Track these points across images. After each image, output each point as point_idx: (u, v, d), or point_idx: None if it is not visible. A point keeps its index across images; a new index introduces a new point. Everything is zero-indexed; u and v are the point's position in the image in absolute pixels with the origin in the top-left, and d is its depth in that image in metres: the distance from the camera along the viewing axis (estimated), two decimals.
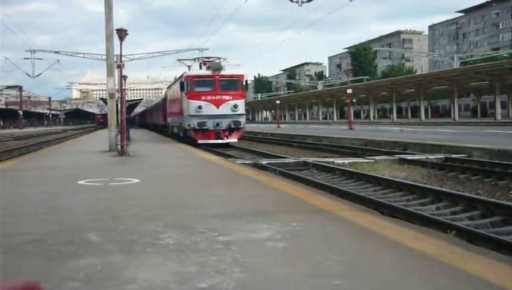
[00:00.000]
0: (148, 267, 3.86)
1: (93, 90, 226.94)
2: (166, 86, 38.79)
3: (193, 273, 3.66)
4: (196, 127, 22.56)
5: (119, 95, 19.10)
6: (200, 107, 22.74)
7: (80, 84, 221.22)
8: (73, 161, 14.68)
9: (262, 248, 4.39)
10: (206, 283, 3.46)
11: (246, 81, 24.46)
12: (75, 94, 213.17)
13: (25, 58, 53.61)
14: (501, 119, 47.49)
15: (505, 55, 74.12)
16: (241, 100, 23.63)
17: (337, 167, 13.66)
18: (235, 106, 23.01)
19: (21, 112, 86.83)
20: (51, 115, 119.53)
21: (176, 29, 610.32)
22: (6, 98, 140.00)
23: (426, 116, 70.29)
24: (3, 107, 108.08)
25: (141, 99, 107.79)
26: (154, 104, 55.97)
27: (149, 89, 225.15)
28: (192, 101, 22.95)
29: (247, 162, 14.64)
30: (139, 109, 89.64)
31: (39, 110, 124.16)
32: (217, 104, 22.88)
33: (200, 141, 22.56)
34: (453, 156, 15.10)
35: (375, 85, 67.59)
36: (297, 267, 3.79)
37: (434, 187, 9.92)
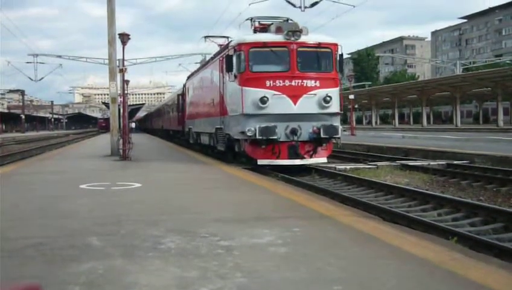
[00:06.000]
0: (149, 271, 3.86)
1: (95, 95, 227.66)
2: (186, 76, 26.64)
3: (194, 278, 3.67)
4: (257, 137, 12.91)
5: (122, 99, 19.12)
6: (263, 100, 13.09)
7: (82, 88, 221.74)
8: (75, 165, 14.71)
9: (263, 253, 4.40)
10: (207, 287, 3.46)
11: (341, 55, 14.29)
12: (78, 98, 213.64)
13: (27, 62, 53.83)
14: (503, 125, 47.43)
15: (508, 61, 74.03)
16: (335, 89, 14.07)
17: (338, 172, 13.65)
18: (326, 99, 13.44)
19: (23, 116, 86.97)
20: (53, 119, 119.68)
21: (178, 33, 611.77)
22: (9, 102, 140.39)
23: (428, 122, 70.21)
24: (6, 111, 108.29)
25: (143, 103, 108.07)
26: (162, 105, 46.93)
27: (151, 94, 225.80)
28: (250, 89, 13.35)
29: (248, 167, 14.63)
30: (141, 114, 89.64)
31: (41, 114, 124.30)
32: (294, 94, 13.32)
33: (261, 161, 13.31)
34: (455, 162, 15.07)
35: (378, 91, 67.60)
36: (298, 273, 3.80)
37: (436, 193, 9.90)
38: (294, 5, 27.86)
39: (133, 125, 76.77)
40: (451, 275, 3.70)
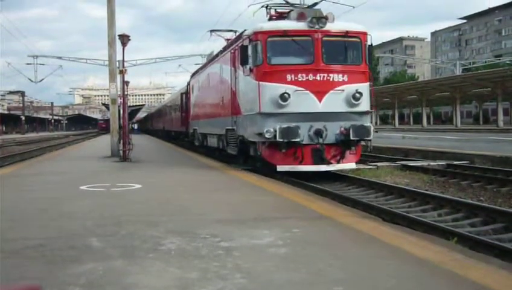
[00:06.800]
0: (149, 273, 3.87)
1: (95, 96, 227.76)
2: (191, 73, 25.37)
3: (194, 279, 3.67)
4: (277, 139, 11.30)
5: (122, 100, 19.12)
6: (284, 97, 11.44)
7: (82, 89, 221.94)
8: (75, 167, 14.70)
9: (263, 253, 4.40)
10: (207, 288, 3.47)
11: (371, 45, 12.82)
12: (78, 99, 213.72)
13: (27, 64, 54.08)
14: (503, 126, 47.45)
15: (508, 62, 74.03)
16: (366, 84, 12.34)
17: (338, 173, 13.63)
18: (355, 96, 11.84)
19: (23, 117, 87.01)
20: (53, 121, 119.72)
21: (178, 35, 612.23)
22: (9, 103, 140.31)
23: (428, 122, 70.27)
24: (6, 112, 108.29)
25: (143, 104, 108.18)
26: (164, 105, 45.51)
27: (151, 95, 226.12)
28: (268, 84, 11.68)
29: (249, 168, 14.63)
30: (141, 114, 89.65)
31: (41, 115, 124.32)
32: (319, 90, 11.68)
33: (281, 167, 11.70)
34: (455, 162, 15.07)
35: (378, 91, 67.55)
36: (298, 273, 3.80)
37: (436, 194, 9.91)
38: (294, 6, 27.85)
39: (136, 126, 76.84)
40: (451, 275, 3.71)
